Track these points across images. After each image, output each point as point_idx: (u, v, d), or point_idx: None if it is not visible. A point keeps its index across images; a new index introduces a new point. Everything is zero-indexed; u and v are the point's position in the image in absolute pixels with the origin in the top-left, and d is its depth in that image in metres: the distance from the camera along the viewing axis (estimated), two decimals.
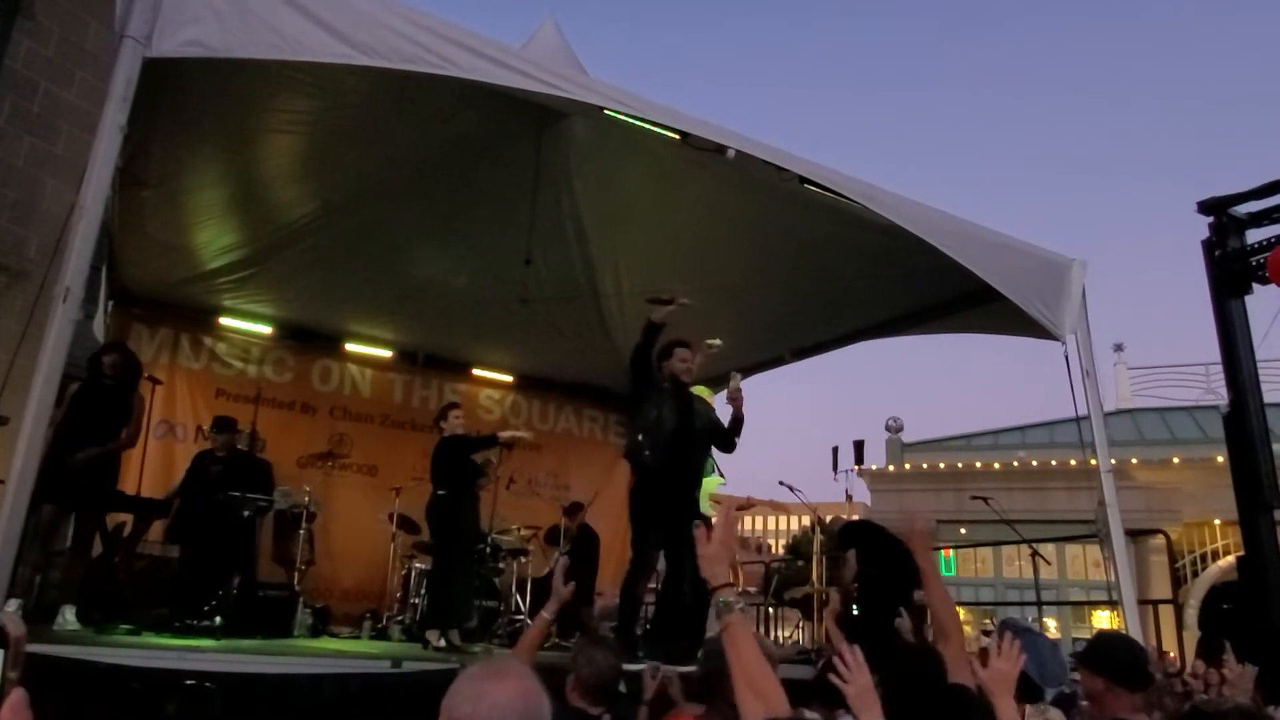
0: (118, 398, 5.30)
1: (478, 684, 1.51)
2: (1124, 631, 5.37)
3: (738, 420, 5.57)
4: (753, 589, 12.75)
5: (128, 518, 6.16)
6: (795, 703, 3.59)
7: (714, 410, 5.78)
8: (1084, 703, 3.09)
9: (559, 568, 3.94)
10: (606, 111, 4.42)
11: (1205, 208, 4.79)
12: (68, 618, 4.70)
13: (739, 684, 1.87)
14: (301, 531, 6.81)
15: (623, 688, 3.07)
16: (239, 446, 6.79)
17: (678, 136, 4.62)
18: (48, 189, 9.63)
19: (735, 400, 5.50)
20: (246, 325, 8.22)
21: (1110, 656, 2.92)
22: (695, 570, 5.38)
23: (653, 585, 5.78)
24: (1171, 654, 8.80)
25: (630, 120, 4.49)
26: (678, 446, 5.28)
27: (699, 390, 6.06)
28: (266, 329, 8.33)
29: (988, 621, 12.81)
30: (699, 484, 5.53)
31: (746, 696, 1.84)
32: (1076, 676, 3.22)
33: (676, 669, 3.79)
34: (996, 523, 8.32)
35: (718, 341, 5.35)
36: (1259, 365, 4.59)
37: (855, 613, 4.66)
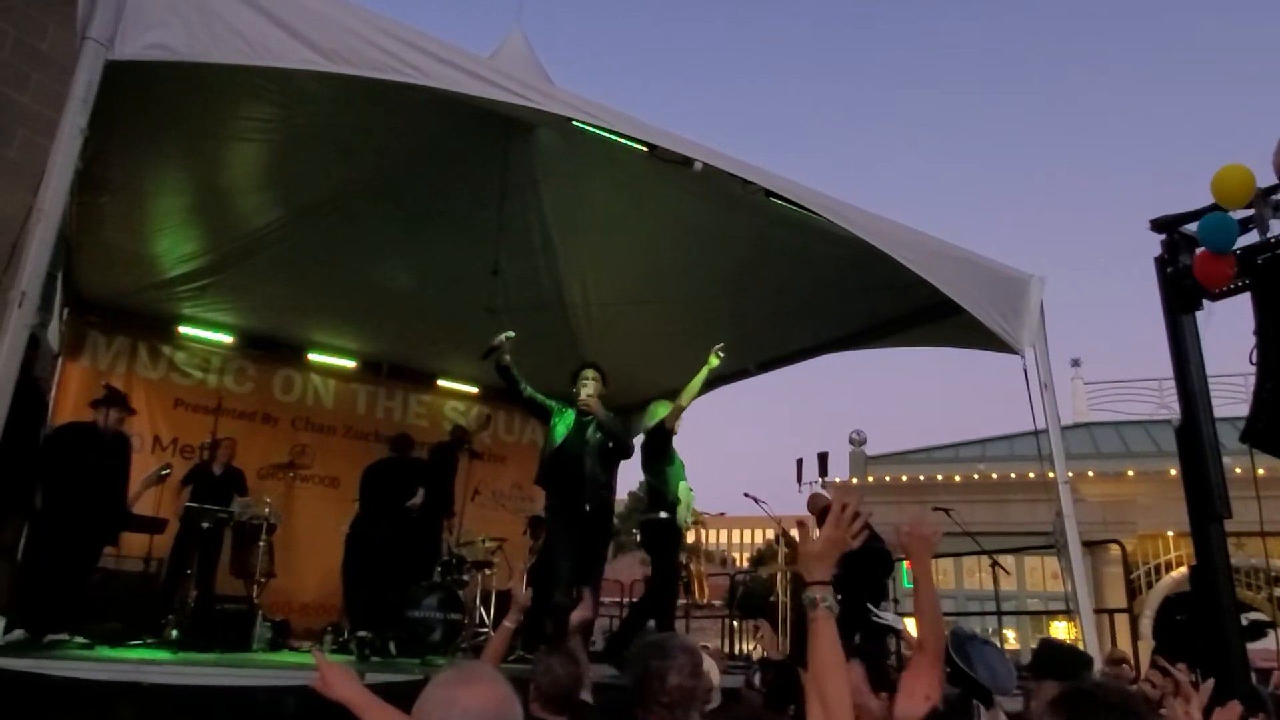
0: None
1: (449, 690, 1.50)
2: (1079, 641, 5.49)
3: (599, 424, 5.60)
4: (717, 602, 12.78)
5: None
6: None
7: (611, 423, 5.70)
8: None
9: (519, 577, 3.92)
10: (574, 122, 4.43)
11: (1158, 226, 4.88)
12: None
13: (808, 687, 1.81)
14: (261, 543, 6.70)
15: (588, 697, 3.05)
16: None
17: (645, 148, 4.64)
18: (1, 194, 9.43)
19: (586, 409, 5.56)
20: (207, 334, 8.12)
21: (1060, 661, 3.04)
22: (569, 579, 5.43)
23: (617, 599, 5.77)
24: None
25: (597, 131, 4.50)
26: (567, 465, 5.46)
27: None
28: (227, 338, 8.23)
29: (946, 634, 12.90)
30: (599, 497, 5.54)
31: (813, 704, 1.78)
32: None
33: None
34: (958, 535, 8.40)
35: (509, 334, 5.41)
36: (1209, 380, 4.69)
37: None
